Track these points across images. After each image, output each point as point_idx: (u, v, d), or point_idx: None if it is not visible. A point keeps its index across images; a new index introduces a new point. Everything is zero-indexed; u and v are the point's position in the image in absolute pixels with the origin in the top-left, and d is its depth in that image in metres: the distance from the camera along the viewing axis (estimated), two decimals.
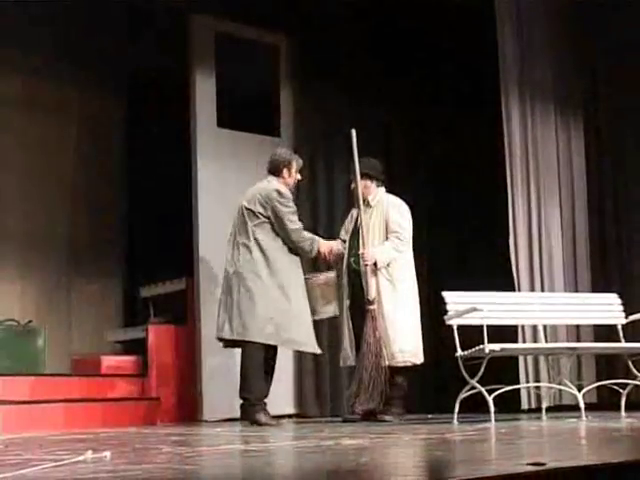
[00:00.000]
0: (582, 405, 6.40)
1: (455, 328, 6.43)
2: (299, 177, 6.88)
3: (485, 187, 8.53)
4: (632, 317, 7.12)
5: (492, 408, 6.17)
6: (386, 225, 6.73)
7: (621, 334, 7.04)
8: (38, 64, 8.45)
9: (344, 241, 6.94)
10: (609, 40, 8.30)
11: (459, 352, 6.32)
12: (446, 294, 6.66)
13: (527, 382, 7.49)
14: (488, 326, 6.24)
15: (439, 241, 8.76)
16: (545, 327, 7.31)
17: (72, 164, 8.90)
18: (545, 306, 7.21)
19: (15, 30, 8.09)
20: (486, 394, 6.25)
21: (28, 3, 7.60)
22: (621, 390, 6.87)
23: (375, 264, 6.60)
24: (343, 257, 6.85)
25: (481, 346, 6.17)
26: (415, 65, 8.66)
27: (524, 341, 7.50)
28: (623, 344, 6.96)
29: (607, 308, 7.27)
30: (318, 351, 6.76)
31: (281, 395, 7.50)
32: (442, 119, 8.80)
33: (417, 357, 6.69)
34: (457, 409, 6.36)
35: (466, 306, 6.50)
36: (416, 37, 8.56)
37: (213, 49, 8.00)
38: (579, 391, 6.59)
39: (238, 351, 6.70)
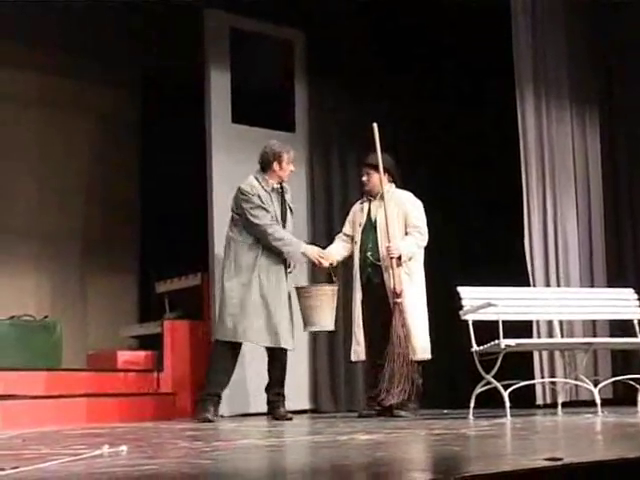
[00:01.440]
0: (598, 400, 6.39)
1: (471, 323, 6.43)
2: (292, 169, 6.79)
3: (487, 184, 8.48)
4: None
5: (507, 403, 6.17)
6: (404, 220, 6.73)
7: (637, 329, 7.01)
8: (52, 62, 8.48)
9: (349, 236, 6.92)
10: (624, 38, 8.26)
11: (475, 347, 6.31)
12: (461, 289, 6.64)
13: (542, 377, 7.48)
14: (503, 321, 6.23)
15: (442, 238, 8.69)
16: (561, 322, 7.29)
17: (87, 160, 8.92)
18: (561, 301, 7.20)
19: (31, 29, 8.12)
20: (502, 389, 6.24)
21: (44, 2, 7.60)
22: (637, 385, 6.85)
23: (399, 257, 6.59)
24: (352, 253, 6.82)
25: (497, 341, 6.17)
26: (423, 61, 8.61)
27: (539, 336, 7.48)
28: (639, 339, 6.94)
29: (623, 303, 7.25)
30: (271, 345, 6.56)
31: (296, 391, 7.50)
32: (445, 116, 8.74)
33: (428, 352, 6.68)
34: (472, 404, 6.36)
35: (481, 301, 6.50)
36: (428, 33, 8.53)
37: (227, 45, 7.98)
38: (595, 386, 6.58)
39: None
